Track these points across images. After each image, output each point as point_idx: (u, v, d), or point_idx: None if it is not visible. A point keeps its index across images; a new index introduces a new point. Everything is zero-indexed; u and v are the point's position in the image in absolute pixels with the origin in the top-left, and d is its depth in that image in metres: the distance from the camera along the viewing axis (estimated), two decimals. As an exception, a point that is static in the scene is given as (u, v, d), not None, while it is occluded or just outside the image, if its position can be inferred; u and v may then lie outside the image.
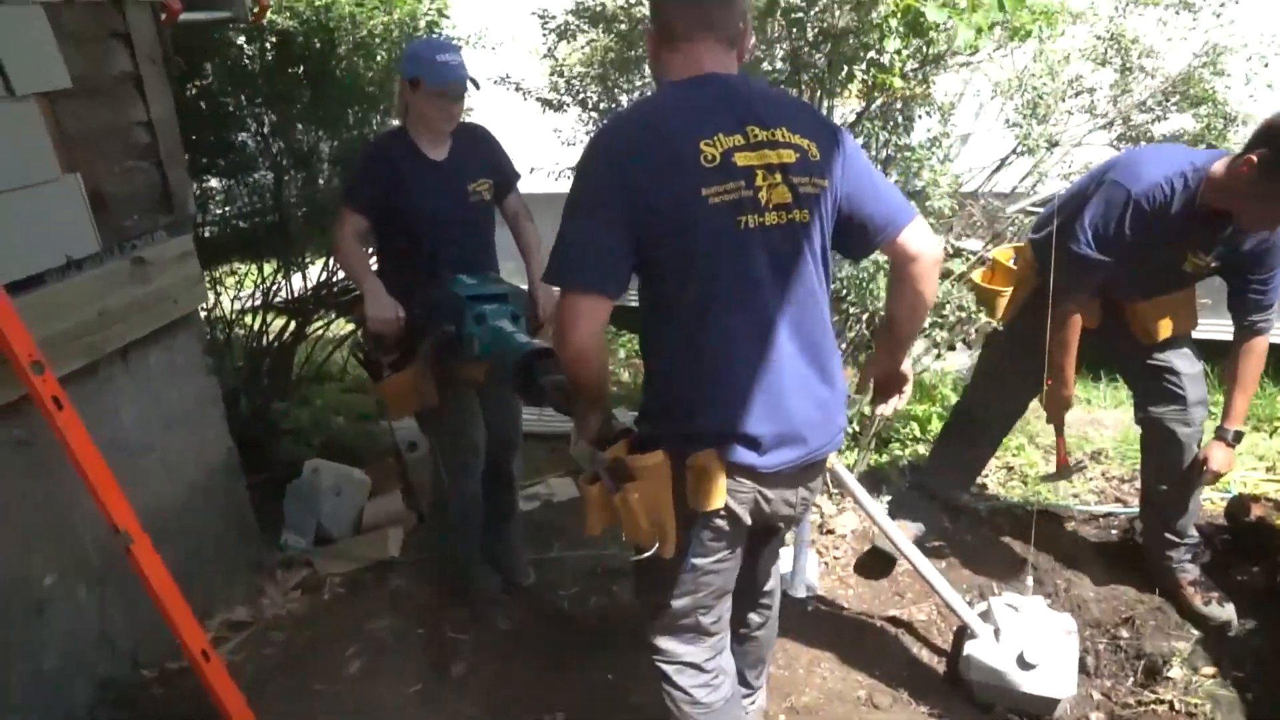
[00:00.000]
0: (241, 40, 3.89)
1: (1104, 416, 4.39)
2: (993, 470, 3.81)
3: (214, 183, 4.16)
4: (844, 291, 3.14)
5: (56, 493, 2.37)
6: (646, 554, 1.81)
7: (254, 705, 2.41)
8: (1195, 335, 2.89)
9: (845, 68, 3.03)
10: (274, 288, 4.28)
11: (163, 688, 2.65)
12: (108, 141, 2.58)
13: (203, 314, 4.12)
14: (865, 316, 3.37)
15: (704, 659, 2.03)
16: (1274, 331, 2.77)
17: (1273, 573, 2.95)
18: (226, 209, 4.29)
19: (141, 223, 2.68)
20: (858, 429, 3.62)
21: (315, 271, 4.37)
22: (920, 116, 3.27)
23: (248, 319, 4.35)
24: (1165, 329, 2.78)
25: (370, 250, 2.90)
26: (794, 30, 3.18)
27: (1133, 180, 2.51)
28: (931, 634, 2.91)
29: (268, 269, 4.29)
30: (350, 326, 4.96)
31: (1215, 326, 3.17)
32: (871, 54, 2.95)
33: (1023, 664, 2.49)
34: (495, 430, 2.92)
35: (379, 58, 3.90)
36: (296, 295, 4.29)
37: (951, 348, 4.57)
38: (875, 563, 3.21)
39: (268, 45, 3.88)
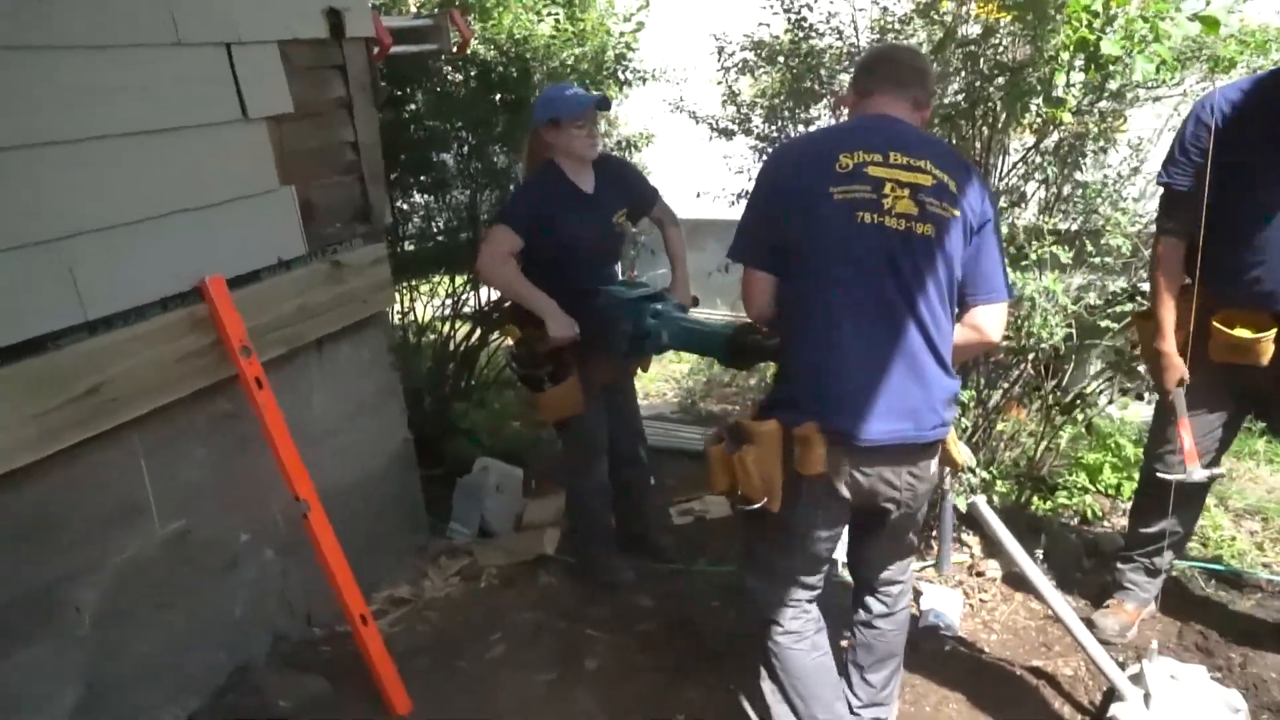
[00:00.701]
0: (447, 69, 4.26)
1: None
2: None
3: (417, 198, 4.55)
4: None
5: (256, 463, 2.69)
6: (755, 506, 2.04)
7: (402, 672, 2.66)
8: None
9: (1020, 101, 2.97)
10: (463, 298, 4.61)
11: (329, 646, 2.94)
12: (319, 158, 2.93)
13: (398, 319, 4.53)
14: (1030, 358, 3.26)
15: (789, 616, 2.23)
16: None
17: None
18: (428, 224, 4.69)
19: (341, 230, 3.02)
20: (1018, 469, 3.49)
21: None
22: (1100, 152, 3.14)
23: (438, 325, 4.72)
24: None
25: None
26: (969, 63, 3.15)
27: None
28: (1076, 690, 2.76)
29: (459, 280, 4.63)
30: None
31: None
32: (1047, 87, 2.88)
33: (1172, 735, 2.33)
34: (626, 425, 3.29)
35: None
36: (482, 306, 4.61)
37: (1140, 397, 4.35)
38: None
39: (470, 74, 4.22)
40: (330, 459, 3.04)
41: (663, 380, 6.16)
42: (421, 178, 4.41)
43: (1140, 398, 4.43)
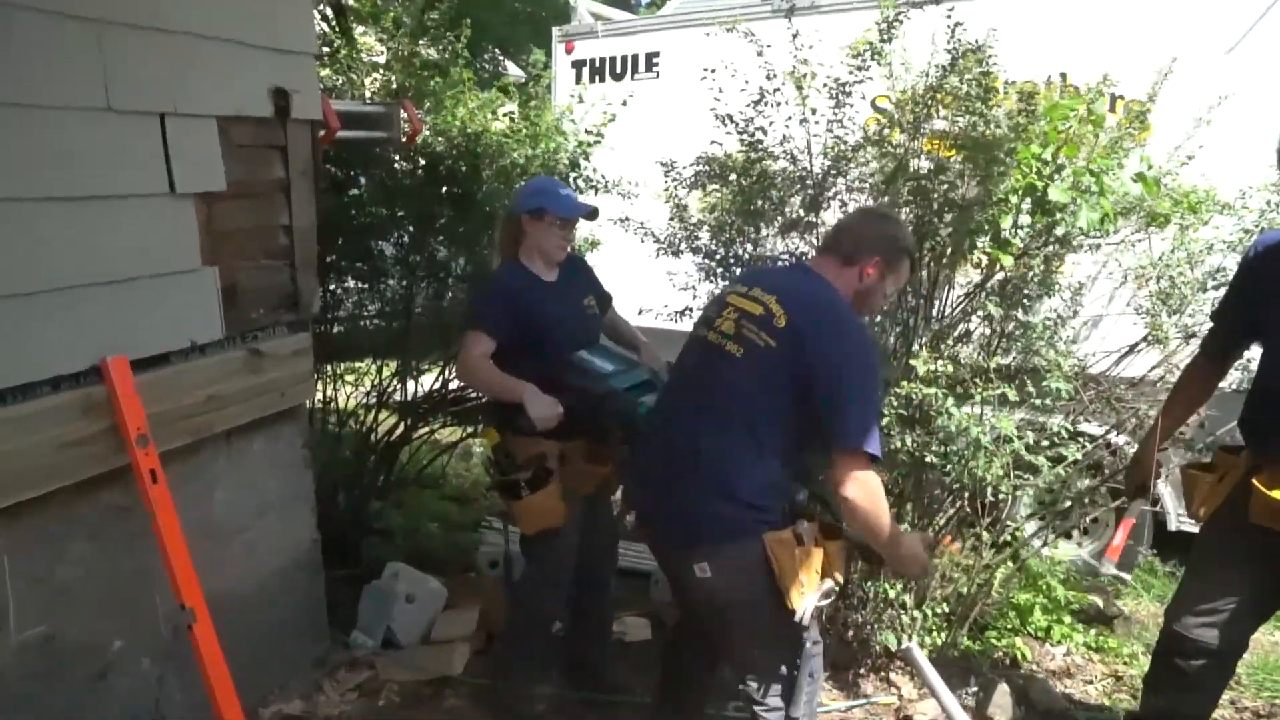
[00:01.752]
0: (395, 157, 4.18)
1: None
2: (1098, 678, 3.49)
3: (350, 284, 4.41)
4: (946, 466, 3.01)
5: (143, 563, 2.46)
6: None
7: (283, 806, 2.40)
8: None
9: (968, 239, 2.99)
10: (390, 389, 4.44)
11: (204, 773, 2.66)
12: (249, 240, 2.79)
13: (320, 405, 4.33)
14: (967, 495, 3.20)
15: None
16: None
17: None
18: (360, 310, 4.54)
19: (265, 316, 2.86)
20: (947, 610, 3.40)
21: (429, 380, 4.52)
22: (1044, 295, 3.17)
23: (361, 413, 4.53)
24: None
25: None
26: (919, 197, 3.18)
27: None
28: None
29: (386, 370, 4.46)
30: (457, 434, 5.10)
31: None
32: (994, 228, 2.91)
33: None
34: (602, 546, 3.14)
35: (518, 186, 4.11)
36: (409, 398, 4.44)
37: (1067, 536, 4.33)
38: None
39: (419, 164, 4.16)
40: (231, 559, 2.82)
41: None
42: (358, 264, 4.28)
43: (1068, 536, 4.43)
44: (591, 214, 2.97)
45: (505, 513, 3.24)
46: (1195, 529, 2.64)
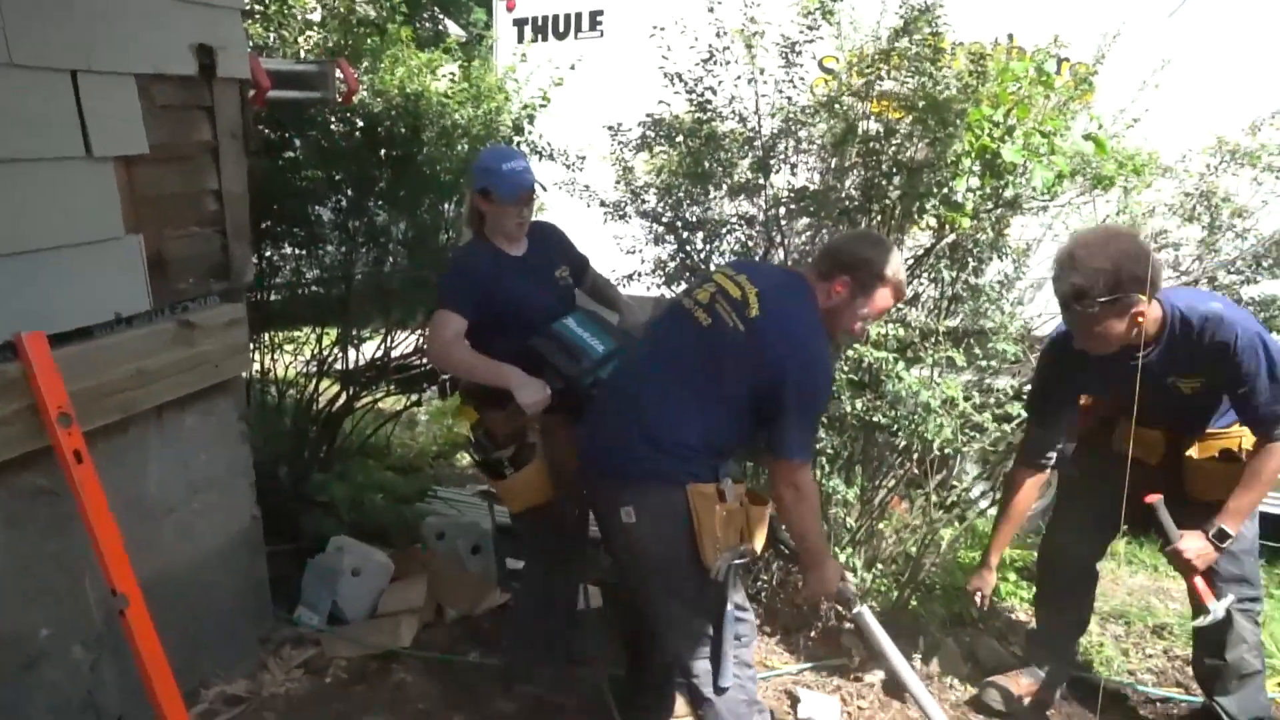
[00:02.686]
0: (333, 120, 4.03)
1: (1171, 586, 4.09)
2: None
3: (287, 250, 4.27)
4: (895, 428, 3.02)
5: (71, 548, 2.35)
6: None
7: (226, 792, 2.33)
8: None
9: (918, 202, 2.98)
10: (330, 358, 4.32)
11: (142, 760, 2.57)
12: (176, 206, 2.66)
13: (258, 376, 4.20)
14: (915, 457, 3.22)
15: None
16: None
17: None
18: (298, 278, 4.40)
19: (195, 286, 2.73)
20: (896, 570, 3.43)
21: (370, 348, 4.41)
22: (993, 259, 3.18)
23: (302, 382, 4.40)
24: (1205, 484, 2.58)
25: None
26: (868, 160, 3.15)
27: None
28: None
29: (327, 339, 4.34)
30: (401, 403, 5.00)
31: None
32: (945, 190, 2.90)
33: None
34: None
35: (460, 148, 3.99)
36: (351, 367, 4.32)
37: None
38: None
39: (356, 126, 4.01)
40: (167, 539, 2.72)
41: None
42: (295, 230, 4.13)
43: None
44: (541, 187, 2.84)
45: (489, 491, 3.13)
46: None
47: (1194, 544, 2.46)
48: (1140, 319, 2.32)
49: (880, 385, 2.96)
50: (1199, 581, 2.54)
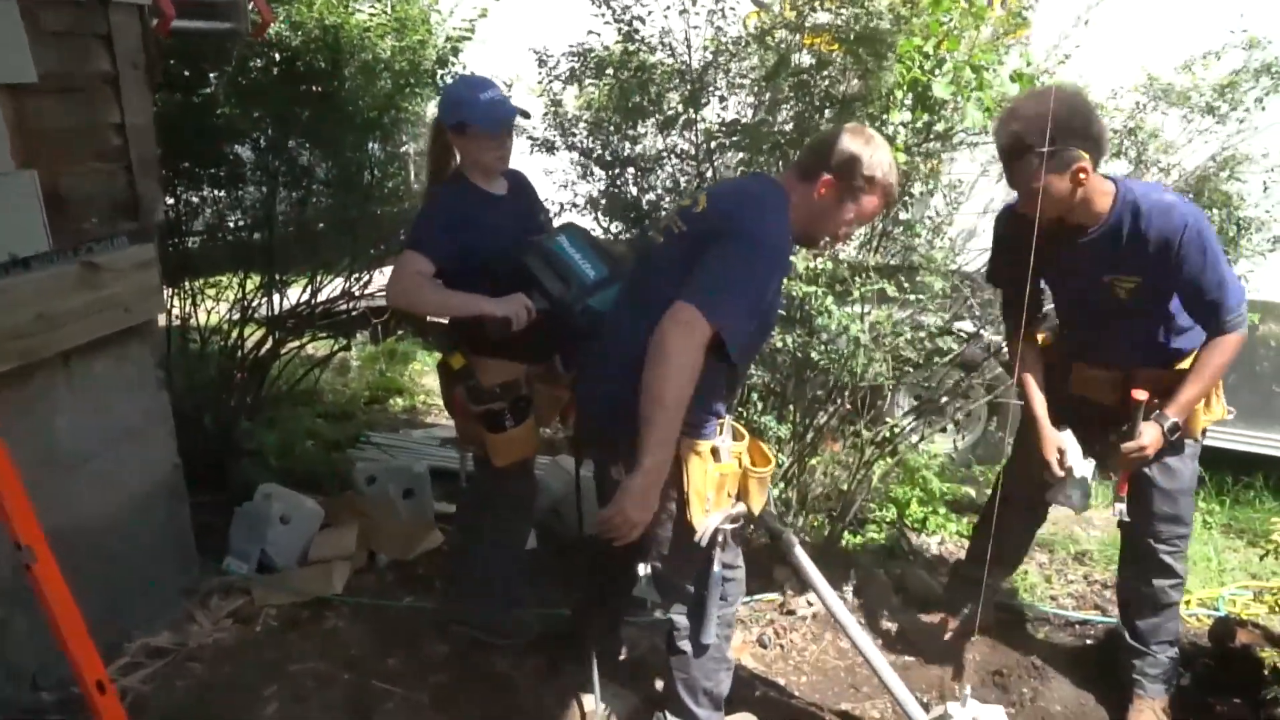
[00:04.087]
0: (250, 55, 3.84)
1: (1093, 515, 4.22)
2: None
3: (206, 192, 4.10)
4: (823, 362, 3.02)
5: (-26, 500, 2.25)
6: None
7: (151, 743, 2.28)
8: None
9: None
10: (254, 303, 4.19)
11: (60, 714, 2.51)
12: (74, 141, 2.52)
13: (179, 322, 4.06)
14: (847, 393, 3.24)
15: None
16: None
17: (1255, 709, 2.75)
18: (218, 221, 4.24)
19: (100, 227, 2.60)
20: (829, 503, 3.47)
21: (296, 292, 4.28)
22: (924, 194, 3.17)
23: (225, 329, 4.27)
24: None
25: None
26: (800, 92, 3.11)
27: None
28: (883, 733, 2.74)
29: (250, 285, 4.20)
30: (329, 348, 4.89)
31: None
32: (877, 125, 2.86)
33: (970, 776, 2.32)
34: None
35: (383, 83, 3.85)
36: (276, 313, 4.20)
37: (944, 431, 4.48)
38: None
39: (274, 60, 3.83)
40: (80, 489, 2.63)
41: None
42: (214, 170, 3.97)
43: (944, 431, 4.58)
44: (523, 114, 2.65)
45: (463, 439, 2.92)
46: None
47: (1151, 433, 2.47)
48: (1083, 176, 2.25)
49: (812, 321, 2.95)
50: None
